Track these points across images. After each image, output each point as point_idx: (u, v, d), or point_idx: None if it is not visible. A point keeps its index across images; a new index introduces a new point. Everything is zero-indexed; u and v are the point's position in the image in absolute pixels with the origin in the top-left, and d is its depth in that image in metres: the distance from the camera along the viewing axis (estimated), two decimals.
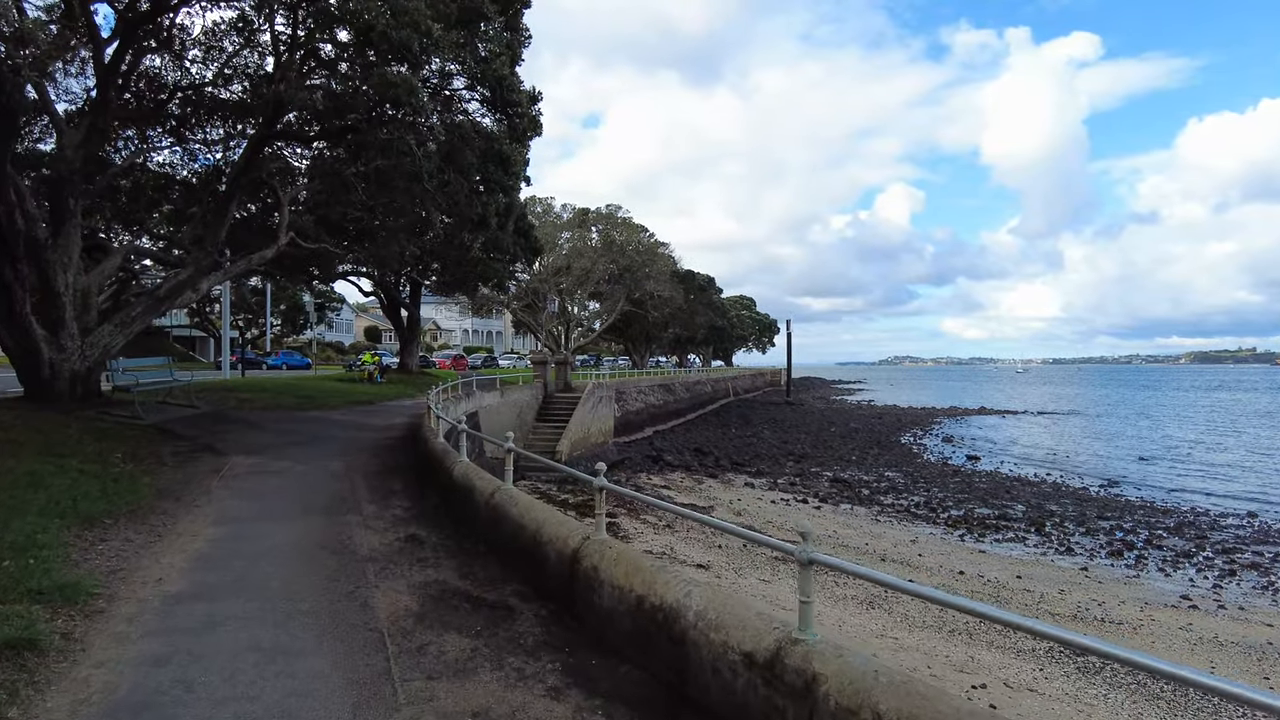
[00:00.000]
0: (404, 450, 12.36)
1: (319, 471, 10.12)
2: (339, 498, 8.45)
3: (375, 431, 15.22)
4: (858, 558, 15.31)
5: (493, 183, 14.29)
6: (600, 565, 4.42)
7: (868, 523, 20.05)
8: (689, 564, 13.24)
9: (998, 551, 17.32)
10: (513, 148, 13.83)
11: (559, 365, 30.37)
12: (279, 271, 25.28)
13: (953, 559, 15.98)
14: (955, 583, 13.68)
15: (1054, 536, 19.08)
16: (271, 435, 13.66)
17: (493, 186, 14.51)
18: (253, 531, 6.72)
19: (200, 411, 15.33)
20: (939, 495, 25.07)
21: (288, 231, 18.31)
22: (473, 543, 6.51)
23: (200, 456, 10.89)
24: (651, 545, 14.82)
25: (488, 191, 14.54)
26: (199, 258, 15.00)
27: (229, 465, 10.30)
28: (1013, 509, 22.93)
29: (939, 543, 17.95)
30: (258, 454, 11.44)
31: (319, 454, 11.69)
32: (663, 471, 27.21)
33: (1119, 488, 28.20)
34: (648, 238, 51.55)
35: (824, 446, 38.95)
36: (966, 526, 19.93)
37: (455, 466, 7.69)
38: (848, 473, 29.61)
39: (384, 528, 7.14)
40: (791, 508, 21.29)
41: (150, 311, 14.51)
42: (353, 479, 9.64)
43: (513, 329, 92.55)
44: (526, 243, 32.54)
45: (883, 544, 17.03)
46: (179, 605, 4.62)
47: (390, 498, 8.54)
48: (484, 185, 14.20)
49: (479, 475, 7.04)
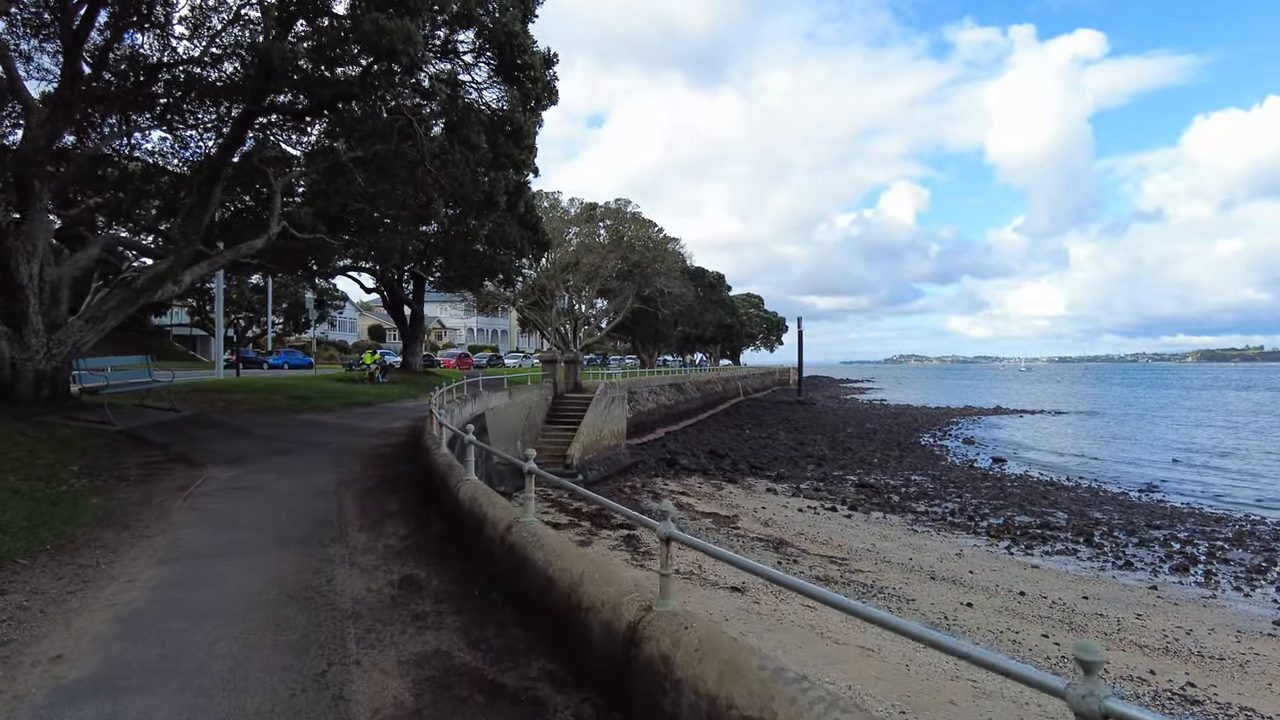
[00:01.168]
0: (404, 459, 10.99)
1: (304, 487, 8.75)
2: (323, 522, 7.08)
3: (373, 437, 13.87)
4: (904, 575, 13.88)
5: (502, 157, 12.88)
6: (674, 656, 3.03)
7: (904, 533, 18.63)
8: (722, 587, 11.84)
9: (1050, 565, 15.88)
10: (525, 117, 12.41)
11: (569, 364, 28.99)
12: (274, 265, 23.95)
13: (1006, 575, 14.56)
14: (1019, 605, 12.24)
15: (1106, 548, 17.66)
16: (257, 442, 12.31)
17: (502, 161, 13.10)
18: (208, 574, 5.34)
19: (182, 415, 13.99)
20: (973, 502, 23.64)
21: (279, 220, 16.96)
22: (485, 589, 5.13)
23: (170, 469, 9.54)
24: (678, 563, 13.43)
25: (496, 167, 13.14)
26: (180, 247, 13.67)
27: (201, 480, 8.95)
28: (1054, 517, 21.51)
29: (986, 556, 16.52)
30: (237, 465, 10.09)
31: (307, 465, 10.32)
32: (679, 476, 25.81)
33: (1159, 493, 26.75)
34: (657, 233, 50.13)
35: (842, 448, 37.51)
36: (1010, 537, 18.51)
37: (460, 487, 6.32)
38: (872, 476, 28.18)
39: (374, 564, 5.77)
40: (821, 517, 19.86)
41: (125, 305, 13.18)
42: (342, 497, 8.27)
43: (518, 327, 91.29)
44: (534, 236, 31.18)
45: (927, 558, 15.61)
46: (69, 707, 3.23)
47: (384, 522, 7.17)
48: (492, 158, 12.79)
49: (490, 501, 5.66)
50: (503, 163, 13.05)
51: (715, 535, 16.26)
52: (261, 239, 16.31)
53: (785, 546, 15.51)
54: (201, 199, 13.95)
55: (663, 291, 49.71)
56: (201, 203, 13.94)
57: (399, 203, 19.04)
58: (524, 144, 12.96)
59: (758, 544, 15.61)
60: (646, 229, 49.02)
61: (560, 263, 45.46)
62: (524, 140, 12.80)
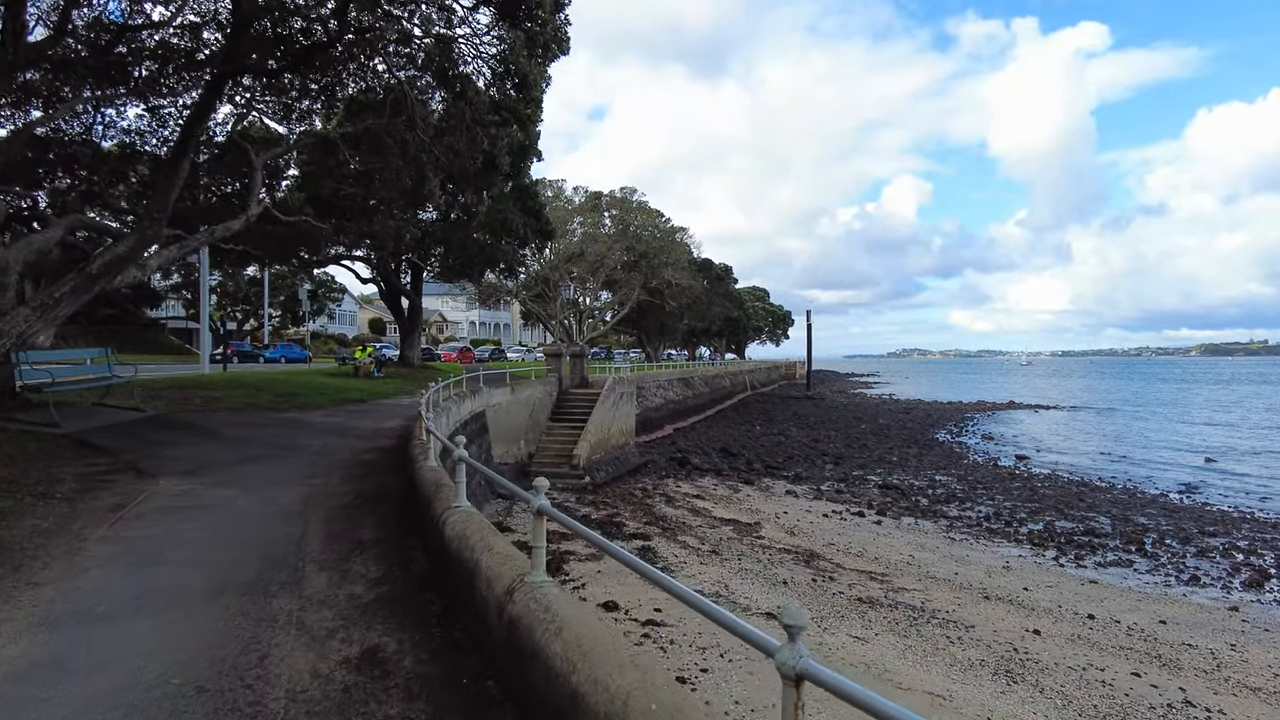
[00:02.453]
0: (390, 468, 9.52)
1: (265, 506, 7.27)
2: (278, 558, 5.60)
3: (360, 440, 12.39)
4: (954, 595, 12.39)
5: (504, 110, 11.33)
6: None
7: (941, 542, 17.14)
8: (754, 612, 10.37)
9: (1108, 580, 14.39)
10: (531, 64, 10.84)
11: (574, 358, 27.49)
12: (260, 252, 22.45)
13: (1065, 593, 13.05)
14: (1091, 632, 10.74)
15: (1163, 559, 16.19)
16: (225, 447, 10.84)
17: (503, 115, 11.54)
18: (95, 646, 3.87)
19: (146, 415, 12.53)
20: (1006, 505, 22.15)
21: (260, 201, 15.48)
22: (477, 676, 3.65)
23: (111, 482, 8.07)
24: (702, 580, 11.96)
25: (497, 125, 11.56)
26: (143, 226, 12.17)
27: (144, 496, 7.47)
28: (1097, 522, 20.02)
29: (1035, 569, 15.03)
30: (194, 476, 8.62)
31: (277, 475, 8.85)
32: (691, 477, 24.33)
33: (1201, 494, 25.24)
34: (665, 223, 48.52)
35: (859, 446, 36.00)
36: (1056, 546, 17.03)
37: (448, 519, 4.84)
38: (895, 477, 26.69)
39: (330, 627, 4.29)
40: (848, 523, 18.37)
41: (80, 291, 11.69)
42: (309, 519, 6.79)
43: (521, 320, 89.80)
44: (537, 224, 29.65)
45: (974, 572, 14.12)
46: None
47: (353, 557, 5.69)
48: (494, 107, 11.23)
49: (485, 543, 4.17)
50: (505, 117, 11.49)
51: (738, 546, 14.77)
52: (239, 220, 14.83)
53: (817, 560, 14.03)
54: (168, 173, 12.46)
55: (670, 283, 48.14)
56: (168, 177, 12.44)
57: (392, 183, 17.53)
58: (530, 96, 11.39)
59: (786, 557, 14.13)
60: (654, 218, 47.42)
61: (564, 253, 43.91)
62: (530, 92, 11.22)
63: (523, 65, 10.54)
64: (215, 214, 20.69)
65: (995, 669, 8.86)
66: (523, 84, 10.96)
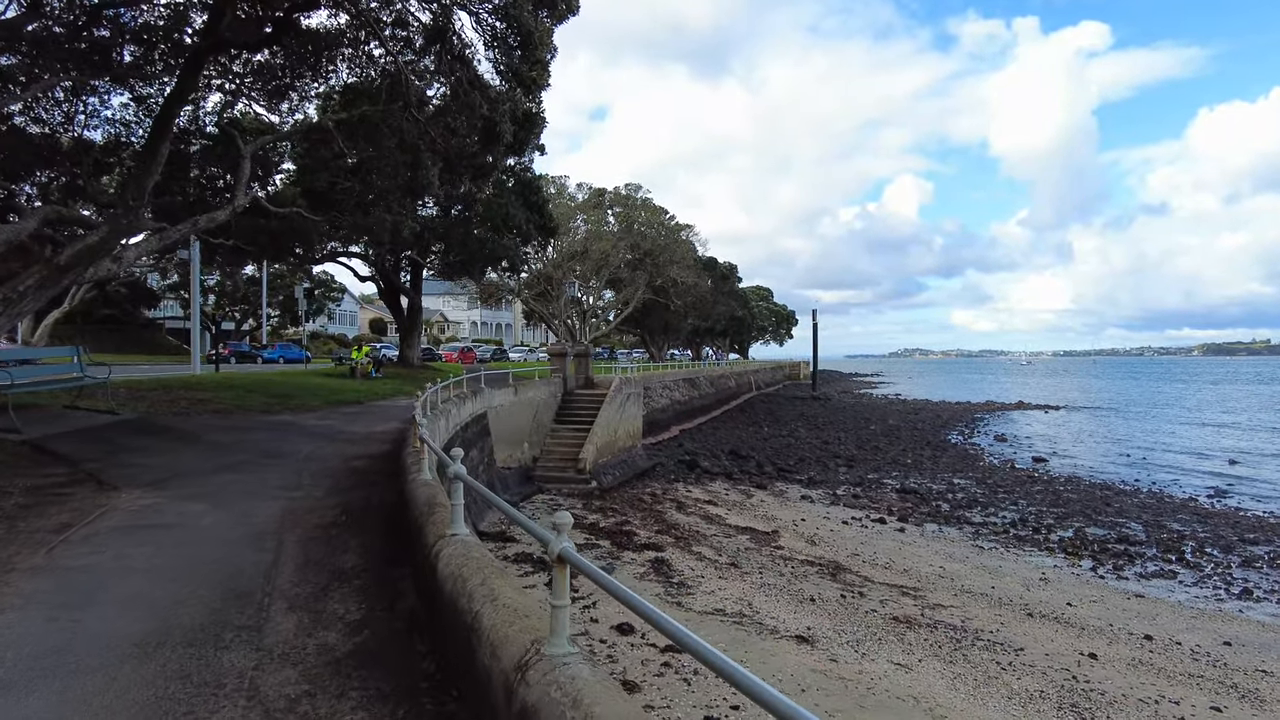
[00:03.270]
0: (382, 478, 8.60)
1: (237, 525, 6.35)
2: (240, 593, 4.67)
3: (352, 445, 11.47)
4: (995, 611, 11.44)
5: (509, 72, 10.35)
6: None
7: (970, 550, 16.20)
8: (784, 635, 9.42)
9: (1155, 594, 13.43)
10: (536, 22, 9.82)
11: (579, 358, 26.54)
12: (252, 246, 21.54)
13: (1111, 609, 12.11)
14: (1153, 656, 9.78)
15: (1208, 570, 15.24)
16: (203, 454, 9.91)
17: (504, 74, 10.53)
18: None
19: (120, 419, 11.60)
20: (1031, 510, 21.19)
21: (247, 190, 14.59)
22: None
23: (66, 496, 7.14)
24: (723, 597, 11.02)
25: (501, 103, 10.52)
26: (117, 215, 11.27)
27: (99, 513, 6.55)
28: (1129, 528, 19.07)
29: (1074, 581, 14.09)
30: (162, 488, 7.69)
31: (255, 487, 7.92)
32: (701, 481, 23.37)
33: (1231, 498, 24.26)
34: (670, 220, 47.57)
35: (870, 448, 35.02)
36: (1091, 555, 16.08)
37: (442, 551, 3.91)
38: (912, 480, 25.73)
39: (292, 696, 3.36)
40: (870, 531, 17.42)
41: (47, 285, 10.77)
42: (283, 541, 5.86)
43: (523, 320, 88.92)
44: (539, 219, 28.74)
45: (1009, 585, 13.17)
46: None
47: (331, 592, 4.76)
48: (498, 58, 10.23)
49: (489, 592, 3.23)
50: (507, 77, 10.50)
51: (757, 557, 13.82)
52: (225, 211, 13.93)
53: (843, 573, 13.07)
54: (146, 158, 11.55)
55: (676, 281, 47.19)
56: (146, 163, 11.53)
57: (388, 173, 16.62)
58: (535, 57, 10.37)
59: (810, 569, 13.18)
60: (659, 216, 46.47)
61: (567, 251, 42.97)
62: (534, 52, 10.20)
63: (526, 21, 9.53)
64: (205, 207, 19.81)
65: (1059, 703, 7.91)
66: (526, 42, 9.94)
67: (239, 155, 15.03)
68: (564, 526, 2.68)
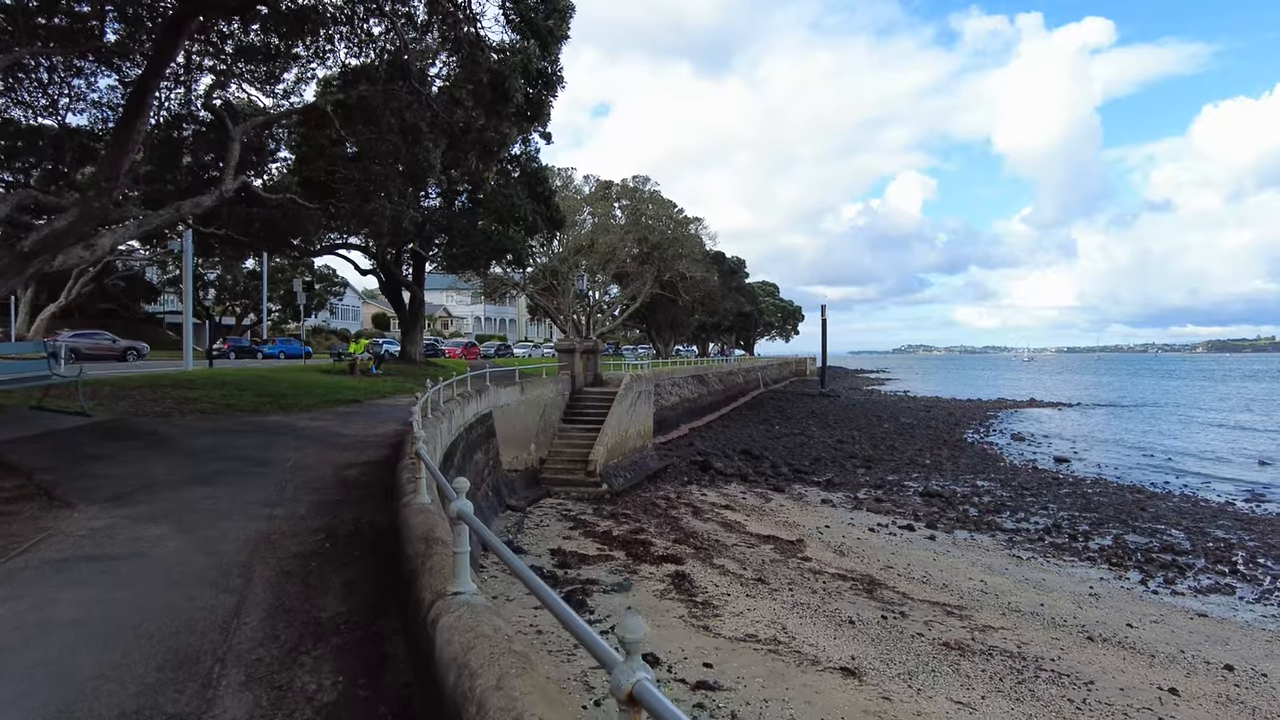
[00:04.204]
0: (375, 492, 7.60)
1: (198, 556, 5.34)
2: (185, 656, 3.66)
3: (345, 450, 10.46)
4: (1050, 634, 10.41)
5: (520, 21, 9.26)
6: None
7: (1007, 561, 15.16)
8: (826, 667, 8.39)
9: (1218, 612, 12.39)
10: None
11: (587, 354, 25.52)
12: (245, 237, 20.52)
13: (1175, 631, 11.08)
14: (1240, 691, 8.75)
15: (1265, 583, 14.24)
16: (178, 461, 8.91)
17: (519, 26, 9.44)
18: None
19: (92, 421, 10.61)
20: (1062, 514, 20.16)
21: (236, 175, 13.58)
22: None
23: (8, 515, 6.15)
24: (754, 619, 9.99)
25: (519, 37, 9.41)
26: (89, 199, 10.25)
27: (39, 538, 5.56)
28: (1169, 535, 18.04)
29: (1126, 596, 13.06)
30: (123, 504, 6.70)
31: (226, 505, 6.91)
32: (716, 484, 22.34)
33: (1270, 502, 23.23)
34: (678, 214, 46.45)
35: (886, 447, 33.96)
36: (1137, 566, 15.07)
37: (442, 620, 2.89)
38: (934, 482, 24.69)
39: None
40: (899, 539, 16.37)
41: (9, 274, 9.79)
42: (250, 580, 4.85)
43: (528, 315, 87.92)
44: (546, 211, 27.66)
45: (1061, 603, 12.13)
46: None
47: (301, 654, 3.74)
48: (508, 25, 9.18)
49: (505, 702, 2.20)
50: (518, 27, 9.38)
51: (785, 571, 12.80)
52: (211, 196, 12.94)
53: (879, 589, 12.04)
54: (121, 133, 10.53)
55: (684, 276, 46.09)
56: (120, 141, 10.50)
57: (388, 158, 15.60)
58: (554, 5, 9.29)
59: (843, 585, 12.16)
60: (667, 209, 45.34)
61: (573, 245, 41.89)
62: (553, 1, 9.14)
63: None
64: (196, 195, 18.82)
65: None
66: None
67: (228, 137, 14.04)
68: (634, 646, 1.65)
